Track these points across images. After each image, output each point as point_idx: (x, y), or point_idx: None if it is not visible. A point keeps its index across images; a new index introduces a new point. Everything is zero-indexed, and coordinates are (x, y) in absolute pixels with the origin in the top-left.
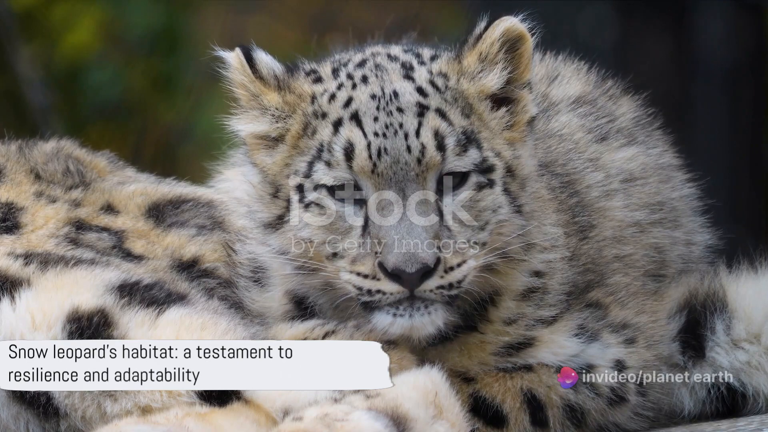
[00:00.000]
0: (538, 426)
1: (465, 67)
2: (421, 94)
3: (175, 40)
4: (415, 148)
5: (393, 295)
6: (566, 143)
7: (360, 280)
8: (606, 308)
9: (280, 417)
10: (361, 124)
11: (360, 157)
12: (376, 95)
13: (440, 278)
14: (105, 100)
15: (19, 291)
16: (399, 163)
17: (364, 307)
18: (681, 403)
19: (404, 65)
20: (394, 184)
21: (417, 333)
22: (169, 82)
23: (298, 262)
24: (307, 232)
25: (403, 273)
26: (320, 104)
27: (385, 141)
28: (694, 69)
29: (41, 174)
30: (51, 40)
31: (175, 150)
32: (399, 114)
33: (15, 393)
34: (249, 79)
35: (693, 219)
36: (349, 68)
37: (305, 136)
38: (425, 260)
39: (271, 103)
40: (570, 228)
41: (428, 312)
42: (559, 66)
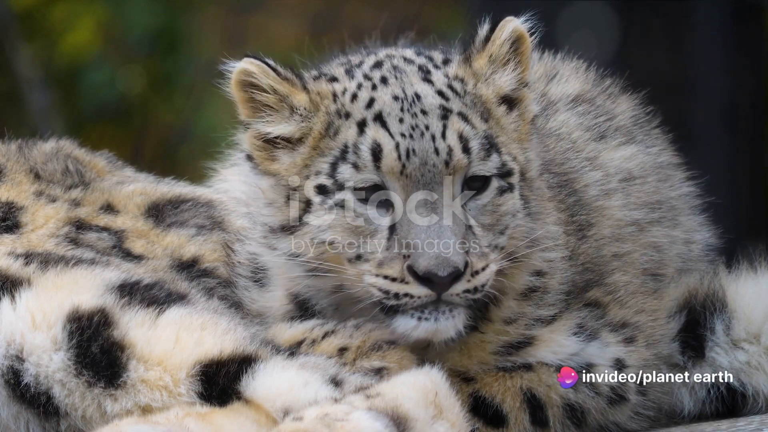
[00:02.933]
0: (538, 425)
1: (477, 70)
2: (442, 97)
3: (175, 40)
4: (442, 150)
5: (420, 299)
6: (564, 142)
7: (387, 284)
8: (605, 307)
9: (280, 417)
10: (386, 125)
11: (388, 158)
12: (399, 97)
13: (467, 282)
14: (105, 100)
15: (19, 291)
16: (427, 165)
17: (384, 311)
18: (681, 403)
19: (421, 68)
20: (422, 186)
21: (440, 337)
22: (168, 82)
23: (312, 264)
24: (329, 234)
25: (435, 276)
26: (343, 103)
27: (412, 142)
28: (694, 69)
29: (41, 174)
30: (51, 40)
31: (175, 150)
32: (423, 116)
33: (15, 392)
34: (276, 81)
35: (692, 218)
36: (364, 69)
37: (327, 136)
38: (456, 264)
39: (300, 102)
40: (568, 227)
41: (452, 316)
42: (558, 64)
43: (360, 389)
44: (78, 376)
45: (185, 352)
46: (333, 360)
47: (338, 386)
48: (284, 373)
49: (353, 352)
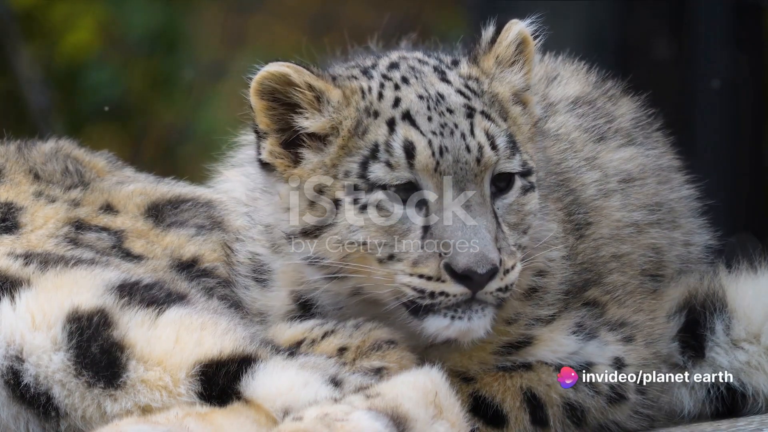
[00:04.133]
0: (538, 425)
1: (487, 71)
2: (464, 96)
3: (175, 40)
4: (473, 148)
5: (455, 297)
6: (562, 143)
7: (422, 283)
8: (603, 306)
9: (280, 417)
10: (415, 124)
11: (422, 155)
12: (423, 96)
13: (500, 280)
14: (105, 100)
15: (19, 291)
16: (459, 163)
17: (413, 312)
18: (681, 403)
19: (436, 69)
20: (455, 184)
21: (471, 336)
22: (168, 82)
23: (334, 267)
24: (361, 234)
25: (475, 274)
26: (371, 100)
27: (443, 140)
28: (695, 69)
29: (40, 174)
30: (51, 40)
31: (175, 150)
32: (450, 114)
33: (15, 393)
34: (313, 78)
35: (692, 220)
36: (380, 70)
37: (356, 135)
38: (494, 261)
39: (334, 97)
40: (566, 226)
41: (484, 314)
42: (559, 66)
43: (360, 389)
44: (78, 376)
45: (185, 352)
46: (333, 360)
47: (338, 386)
48: (284, 373)
49: (353, 352)
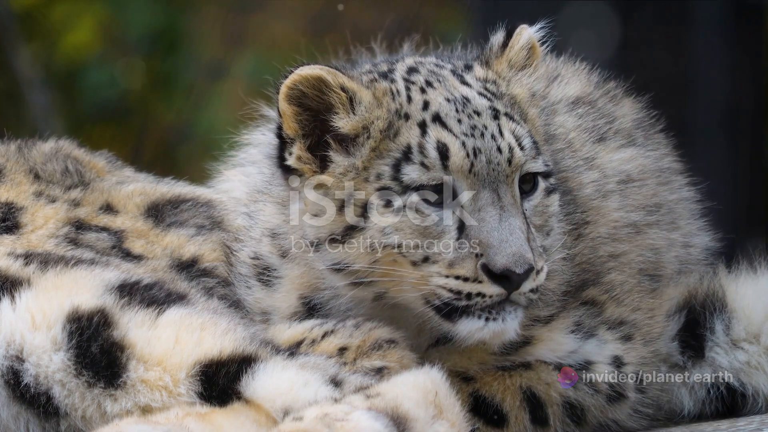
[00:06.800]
0: (538, 424)
1: (501, 74)
2: (487, 99)
3: (175, 40)
4: (504, 149)
5: (491, 299)
6: (560, 143)
7: (458, 284)
8: (602, 306)
9: (280, 417)
10: (446, 126)
11: (456, 156)
12: (450, 99)
13: (533, 281)
14: (105, 100)
15: (19, 291)
16: (492, 163)
17: (445, 315)
18: (681, 403)
19: (454, 72)
20: (488, 185)
21: (503, 337)
22: (168, 82)
23: (363, 272)
24: (395, 237)
25: (513, 274)
26: (401, 102)
27: (475, 141)
28: (694, 69)
29: (40, 174)
30: (51, 40)
31: (175, 150)
32: (478, 117)
33: (15, 393)
34: (346, 79)
35: (691, 221)
36: (401, 74)
37: (387, 137)
38: (530, 261)
39: (366, 98)
40: (564, 226)
41: (516, 315)
42: (560, 66)
43: (360, 389)
44: (78, 376)
45: (185, 352)
46: (333, 360)
47: (338, 386)
48: (284, 373)
49: (353, 352)
